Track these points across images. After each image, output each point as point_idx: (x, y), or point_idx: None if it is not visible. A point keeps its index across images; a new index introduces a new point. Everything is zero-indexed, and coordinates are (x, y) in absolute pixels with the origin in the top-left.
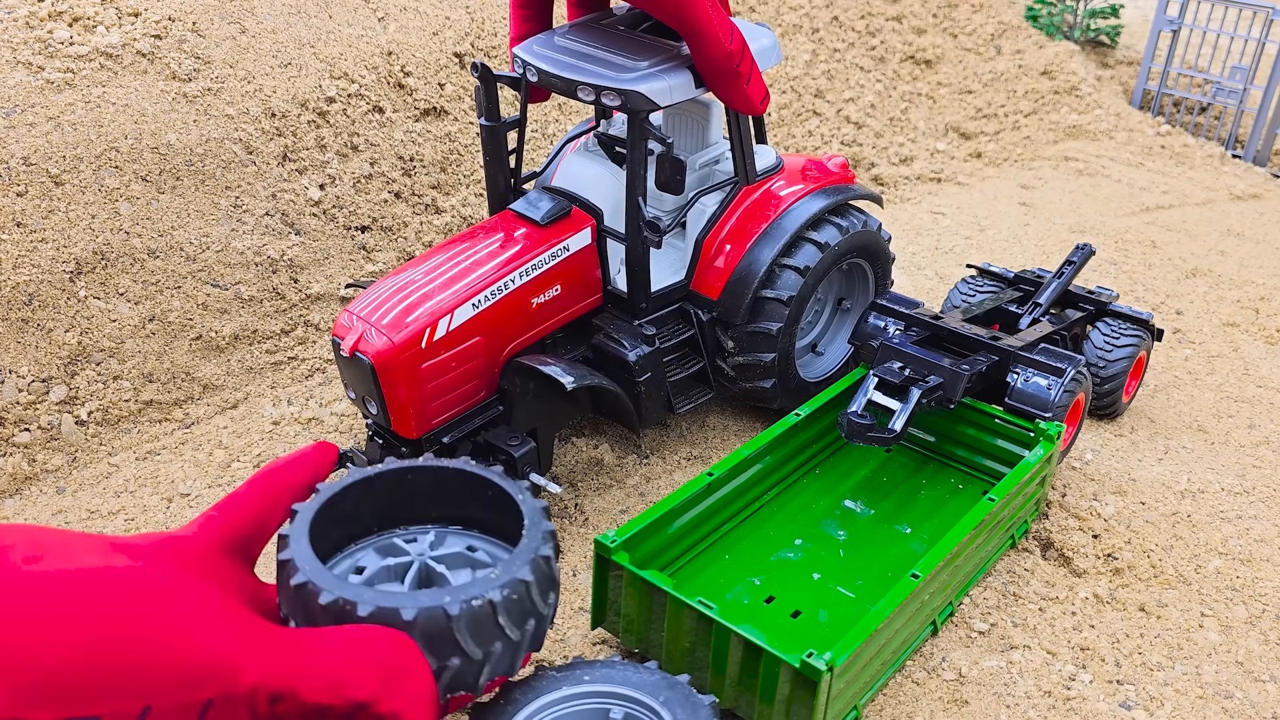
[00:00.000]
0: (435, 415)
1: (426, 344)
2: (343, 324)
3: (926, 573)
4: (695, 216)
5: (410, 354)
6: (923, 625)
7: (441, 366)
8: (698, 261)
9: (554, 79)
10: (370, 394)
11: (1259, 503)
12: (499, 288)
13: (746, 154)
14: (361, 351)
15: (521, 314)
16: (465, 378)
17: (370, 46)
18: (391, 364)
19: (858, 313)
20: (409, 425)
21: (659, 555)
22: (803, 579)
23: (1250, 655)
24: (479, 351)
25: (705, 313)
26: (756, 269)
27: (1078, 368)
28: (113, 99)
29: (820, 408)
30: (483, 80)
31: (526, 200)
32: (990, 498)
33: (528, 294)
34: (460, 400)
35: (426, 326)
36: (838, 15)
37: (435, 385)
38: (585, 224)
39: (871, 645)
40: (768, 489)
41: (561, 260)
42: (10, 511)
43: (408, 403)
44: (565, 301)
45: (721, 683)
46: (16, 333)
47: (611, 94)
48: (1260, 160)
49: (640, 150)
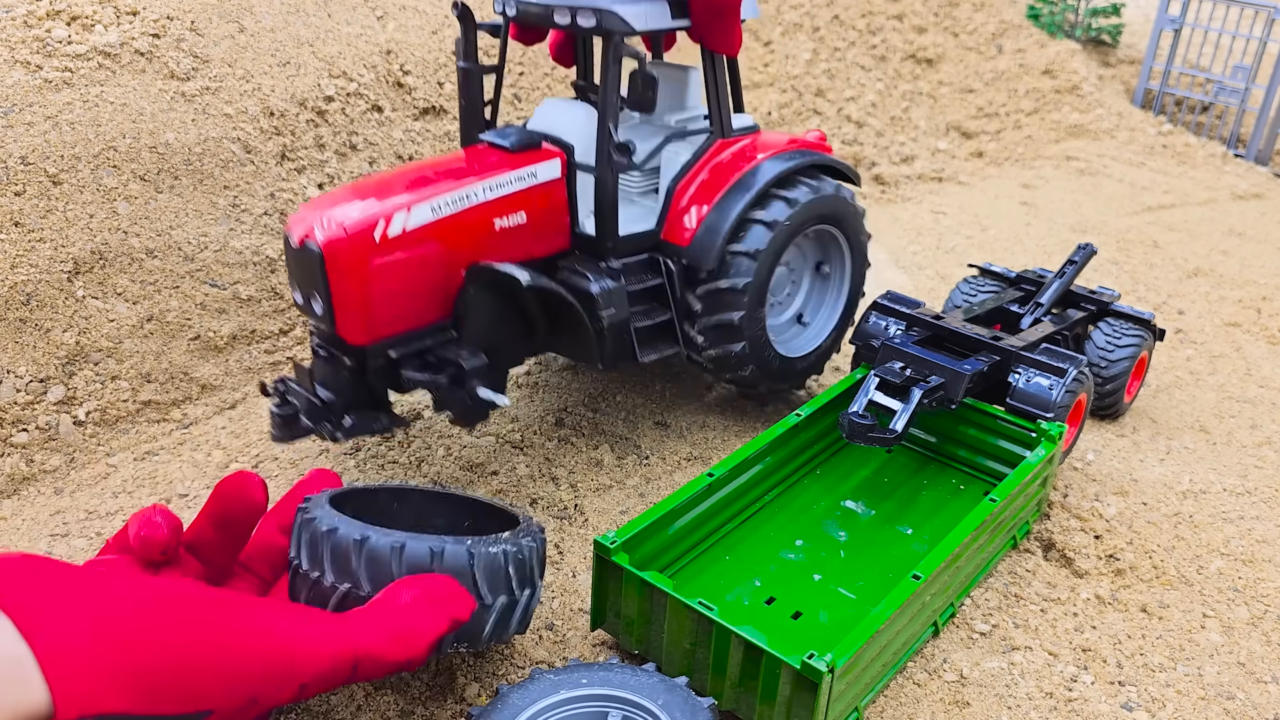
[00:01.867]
0: (384, 322)
1: (381, 239)
2: (295, 217)
3: (928, 574)
4: (668, 164)
5: (361, 246)
6: (924, 626)
7: (394, 267)
8: (668, 210)
9: (531, 5)
10: (317, 290)
11: (1261, 503)
12: (460, 196)
13: (723, 105)
14: (311, 240)
15: (483, 232)
16: (418, 286)
17: (369, 45)
18: (341, 254)
19: (839, 279)
20: (356, 328)
21: (659, 556)
22: (804, 580)
23: (1252, 656)
24: (435, 260)
25: (675, 262)
26: (726, 220)
27: (1079, 368)
28: (111, 98)
29: (821, 408)
30: (462, 20)
31: (497, 131)
32: (992, 498)
33: (491, 212)
34: (412, 312)
35: (380, 218)
36: (839, 14)
37: (386, 287)
38: (554, 155)
39: (873, 646)
40: (768, 489)
41: (529, 186)
42: (8, 512)
43: (356, 301)
44: (530, 233)
45: (722, 684)
46: (14, 333)
47: (587, 14)
48: (1262, 159)
49: (613, 75)
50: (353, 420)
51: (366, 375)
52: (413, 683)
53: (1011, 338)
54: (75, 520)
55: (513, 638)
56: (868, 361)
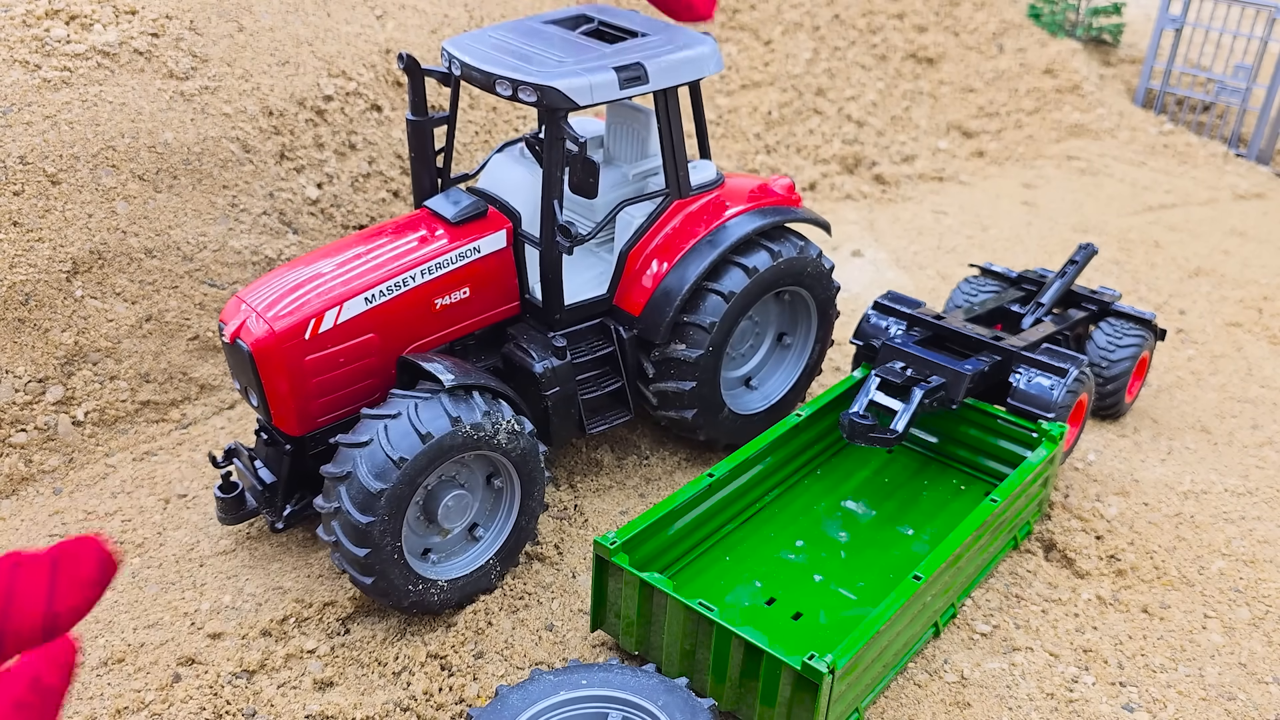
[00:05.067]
0: (320, 413)
1: (311, 335)
2: (229, 309)
3: (929, 574)
4: (622, 228)
5: (291, 344)
6: (925, 627)
7: (327, 361)
8: (621, 275)
9: (474, 72)
10: (251, 384)
11: (1262, 504)
12: (396, 284)
13: (679, 165)
14: (241, 339)
15: (423, 314)
16: (355, 376)
17: (368, 44)
18: (271, 354)
19: (799, 349)
20: (290, 421)
21: (659, 557)
22: (804, 581)
23: (1254, 657)
24: (371, 349)
25: (626, 330)
26: (678, 289)
27: (1081, 368)
28: (110, 98)
29: (821, 409)
30: (409, 73)
31: (444, 197)
32: (993, 499)
33: (430, 293)
34: (349, 400)
35: (311, 317)
36: (839, 13)
37: (320, 381)
38: (501, 226)
39: (874, 647)
40: (768, 490)
41: (472, 261)
42: (7, 512)
43: (289, 397)
44: (475, 306)
45: (722, 685)
46: (13, 332)
47: (528, 89)
48: (1264, 159)
49: (557, 150)
50: (292, 509)
51: (306, 461)
52: (413, 683)
53: (1012, 338)
54: (74, 520)
55: (512, 637)
56: (868, 361)
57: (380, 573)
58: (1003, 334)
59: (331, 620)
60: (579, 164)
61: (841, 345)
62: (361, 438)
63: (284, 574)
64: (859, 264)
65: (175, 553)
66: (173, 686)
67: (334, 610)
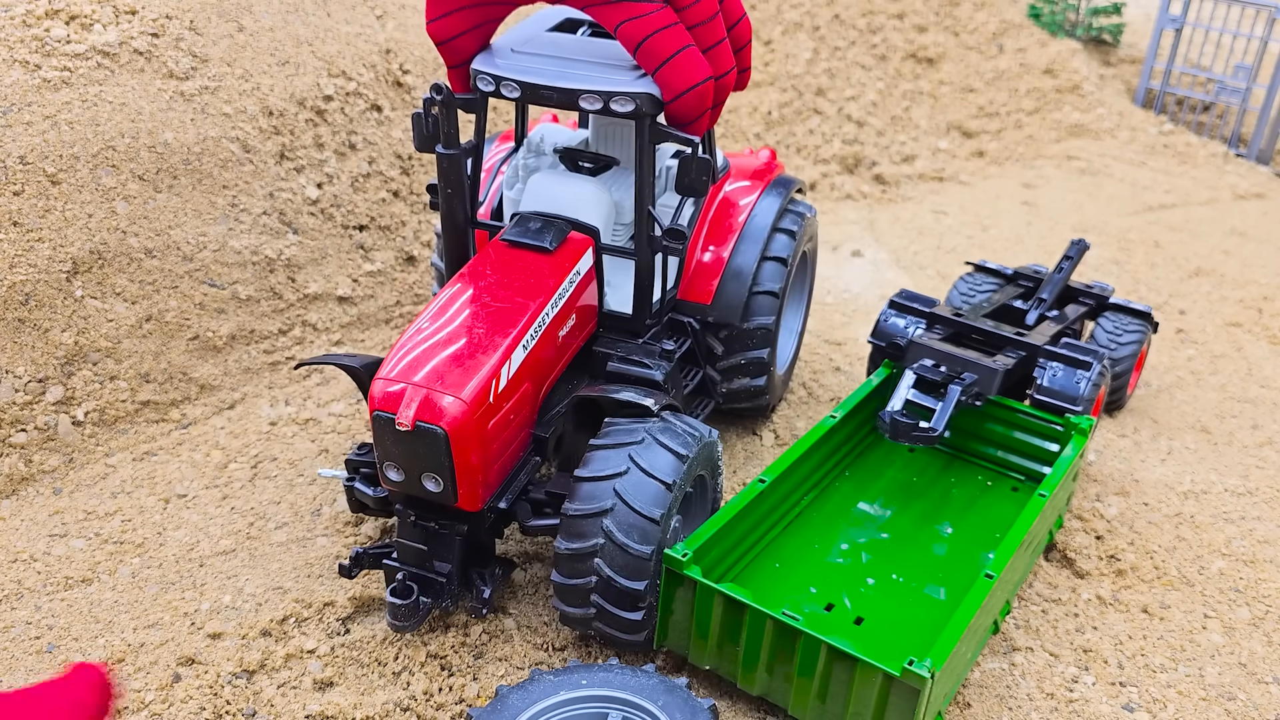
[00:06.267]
0: (496, 481)
1: (494, 398)
2: (388, 394)
3: (999, 571)
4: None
5: (482, 412)
6: (989, 625)
7: (502, 422)
8: (683, 269)
9: (548, 91)
10: (437, 470)
11: (1262, 504)
12: (539, 325)
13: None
14: (430, 422)
15: (553, 350)
16: (516, 430)
17: (368, 44)
18: (466, 428)
19: (796, 308)
20: (474, 496)
21: (716, 566)
22: (855, 584)
23: (1254, 657)
24: (527, 400)
25: (697, 319)
26: (748, 267)
27: (1103, 361)
28: (110, 98)
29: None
30: (445, 105)
31: (518, 229)
32: (1041, 493)
33: (556, 327)
34: (512, 457)
35: (491, 378)
36: (839, 13)
37: (499, 444)
38: (586, 245)
39: (962, 647)
40: (805, 493)
41: (576, 286)
42: (7, 513)
43: (477, 469)
44: (578, 330)
45: (806, 696)
46: (13, 332)
47: (623, 99)
48: (1264, 159)
49: (648, 156)
50: (489, 588)
51: (481, 536)
52: (413, 683)
53: (1031, 333)
54: (74, 520)
55: (513, 637)
56: (890, 359)
57: (650, 606)
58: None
59: (331, 620)
60: (694, 163)
61: (842, 344)
62: (619, 468)
63: (284, 574)
64: (859, 264)
65: (175, 553)
66: (173, 686)
67: (334, 610)
